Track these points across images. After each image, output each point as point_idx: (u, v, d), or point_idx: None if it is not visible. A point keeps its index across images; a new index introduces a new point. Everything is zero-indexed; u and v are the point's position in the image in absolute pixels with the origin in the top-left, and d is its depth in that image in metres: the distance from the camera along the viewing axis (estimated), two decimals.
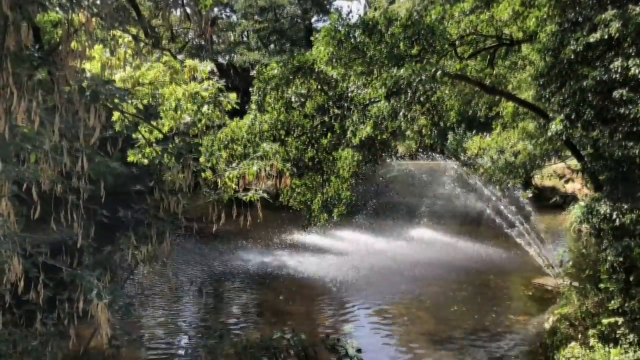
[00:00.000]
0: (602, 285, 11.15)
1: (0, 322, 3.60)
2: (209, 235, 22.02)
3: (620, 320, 10.17)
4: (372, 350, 11.63)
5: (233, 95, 9.55)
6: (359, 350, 3.94)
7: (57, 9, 3.55)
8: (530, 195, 18.65)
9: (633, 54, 9.30)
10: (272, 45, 47.94)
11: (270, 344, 4.07)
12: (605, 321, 10.47)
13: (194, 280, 16.42)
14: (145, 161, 9.18)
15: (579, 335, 11.04)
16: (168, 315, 13.83)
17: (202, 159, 7.56)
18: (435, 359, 11.53)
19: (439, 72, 10.43)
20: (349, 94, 12.53)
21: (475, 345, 12.28)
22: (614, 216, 9.66)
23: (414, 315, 14.28)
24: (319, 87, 12.85)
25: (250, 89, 13.08)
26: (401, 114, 11.38)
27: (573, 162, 19.57)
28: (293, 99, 12.52)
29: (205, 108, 9.01)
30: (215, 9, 44.97)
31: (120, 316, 4.12)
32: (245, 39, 49.83)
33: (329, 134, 13.38)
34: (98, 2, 3.70)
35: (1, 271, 3.18)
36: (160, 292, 15.28)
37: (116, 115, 8.01)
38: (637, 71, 9.00)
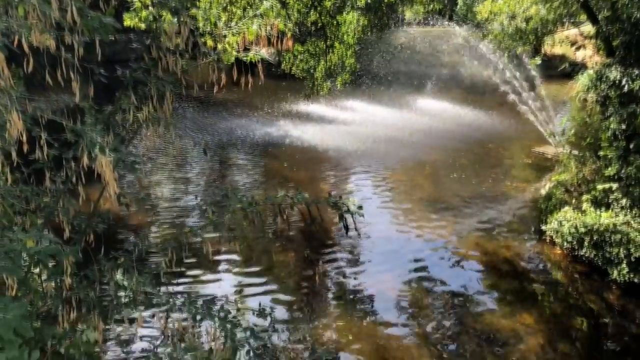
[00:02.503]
0: (601, 153, 11.29)
1: (10, 179, 3.68)
2: (210, 104, 21.95)
3: (615, 185, 10.45)
4: (372, 212, 12.11)
5: None
6: (360, 207, 4.06)
7: None
8: (538, 62, 18.16)
9: None
10: None
11: (274, 201, 4.20)
12: (600, 187, 10.77)
13: (197, 142, 16.58)
14: (142, 25, 8.82)
15: (573, 201, 11.42)
16: (174, 178, 14.24)
17: (199, 19, 7.22)
18: (432, 220, 12.04)
19: None
20: None
21: (471, 209, 12.75)
22: (623, 82, 9.49)
23: (414, 182, 14.66)
24: None
25: None
26: None
27: (586, 28, 18.77)
28: None
29: None
30: None
31: (126, 175, 4.21)
32: None
33: None
34: None
35: (3, 128, 3.18)
36: (165, 158, 15.56)
37: None
38: None
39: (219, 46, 5.86)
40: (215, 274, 9.64)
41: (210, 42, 6.59)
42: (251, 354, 3.90)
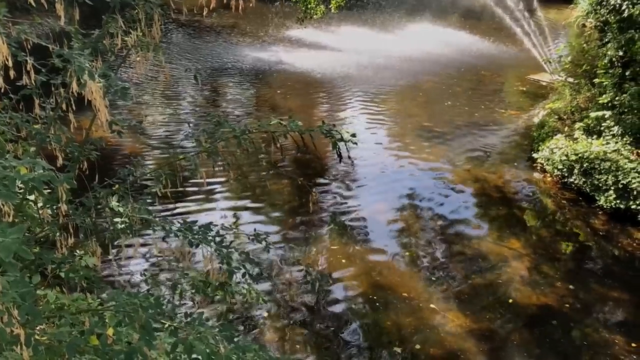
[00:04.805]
0: (596, 80, 11.20)
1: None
2: (200, 30, 21.30)
3: (608, 113, 10.47)
4: (365, 140, 12.10)
5: None
6: (353, 135, 4.05)
7: None
8: None
9: None
10: None
11: (268, 129, 4.18)
12: (593, 115, 10.78)
13: (188, 68, 16.14)
14: None
15: (566, 129, 11.46)
16: (165, 106, 14.05)
17: None
18: (424, 148, 12.09)
19: None
20: None
21: (464, 137, 12.79)
22: (624, 7, 9.27)
23: (407, 109, 14.58)
24: None
25: None
26: None
27: None
28: None
29: None
30: None
31: (117, 102, 4.15)
32: None
33: None
34: None
35: None
36: (155, 85, 15.27)
37: None
38: None
39: None
40: (210, 202, 9.75)
41: None
42: (247, 276, 4.02)
